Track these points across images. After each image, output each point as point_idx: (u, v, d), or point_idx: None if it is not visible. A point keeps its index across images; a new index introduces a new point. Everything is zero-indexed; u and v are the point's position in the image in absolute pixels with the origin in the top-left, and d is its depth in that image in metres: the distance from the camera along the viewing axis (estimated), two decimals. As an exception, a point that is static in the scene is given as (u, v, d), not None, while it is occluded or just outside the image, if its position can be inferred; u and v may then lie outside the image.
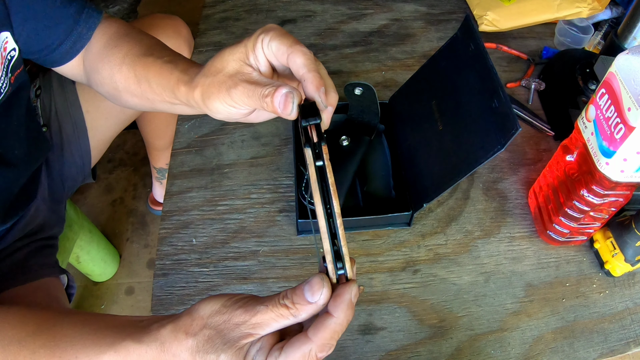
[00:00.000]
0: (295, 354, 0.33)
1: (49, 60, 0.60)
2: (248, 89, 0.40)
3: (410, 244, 0.68)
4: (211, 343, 0.34)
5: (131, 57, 0.53)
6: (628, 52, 0.50)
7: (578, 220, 0.61)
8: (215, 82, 0.42)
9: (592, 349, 0.61)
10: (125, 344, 0.36)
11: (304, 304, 0.33)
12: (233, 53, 0.43)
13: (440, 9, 1.00)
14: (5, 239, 0.69)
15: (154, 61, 0.50)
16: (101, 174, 1.49)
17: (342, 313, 0.33)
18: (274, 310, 0.33)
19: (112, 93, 0.57)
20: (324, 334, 0.33)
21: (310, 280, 0.34)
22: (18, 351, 0.37)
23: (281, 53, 0.41)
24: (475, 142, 0.57)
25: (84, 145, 0.84)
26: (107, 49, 0.56)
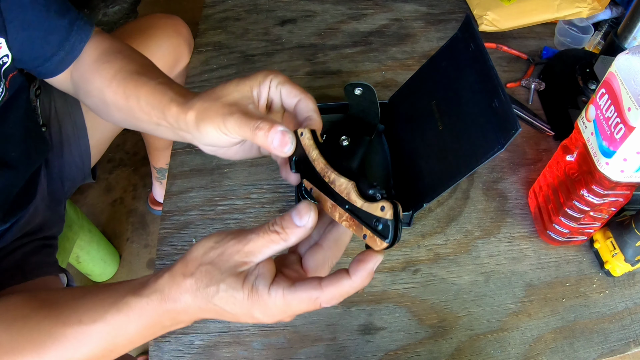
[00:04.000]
0: (302, 294, 0.34)
1: (42, 72, 0.60)
2: (242, 119, 0.42)
3: (410, 244, 0.68)
4: (209, 276, 0.35)
5: (123, 74, 0.53)
6: (628, 52, 0.50)
7: (578, 220, 0.61)
8: (213, 107, 0.44)
9: (592, 349, 0.61)
10: (126, 300, 0.37)
11: (292, 227, 0.35)
12: (238, 85, 0.45)
13: (440, 9, 1.00)
14: (5, 238, 0.69)
15: (147, 81, 0.51)
16: (101, 174, 1.49)
17: (359, 279, 0.35)
18: (265, 236, 0.35)
19: (99, 106, 0.58)
20: (336, 290, 0.35)
21: (297, 206, 0.35)
22: (23, 325, 0.38)
23: (292, 95, 0.46)
24: (475, 142, 0.57)
25: (84, 145, 0.84)
26: (98, 63, 0.57)
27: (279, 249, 0.36)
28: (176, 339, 0.60)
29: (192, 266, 0.36)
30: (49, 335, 0.38)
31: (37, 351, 0.37)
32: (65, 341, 0.37)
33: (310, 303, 0.35)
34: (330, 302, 0.35)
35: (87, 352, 0.38)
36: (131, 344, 0.39)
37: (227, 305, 0.35)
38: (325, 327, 0.61)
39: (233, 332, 0.60)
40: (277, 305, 0.35)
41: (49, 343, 0.38)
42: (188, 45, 0.92)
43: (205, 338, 0.60)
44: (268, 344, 0.59)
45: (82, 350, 0.38)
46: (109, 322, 0.37)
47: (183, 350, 0.59)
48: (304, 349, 0.59)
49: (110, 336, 0.38)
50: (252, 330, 0.60)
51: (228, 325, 0.61)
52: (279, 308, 0.35)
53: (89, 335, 0.38)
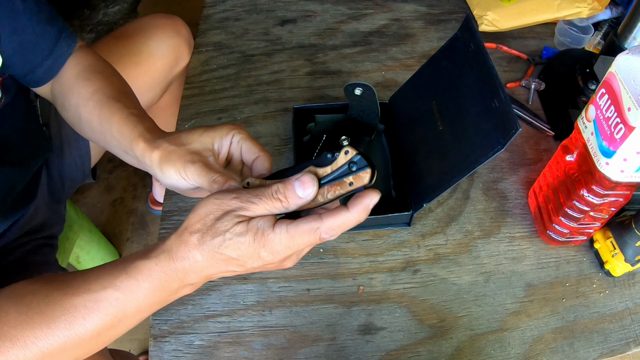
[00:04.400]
0: (304, 226, 0.37)
1: (32, 79, 0.60)
2: (202, 169, 0.45)
3: (410, 244, 0.68)
4: (214, 230, 0.37)
5: (100, 96, 0.55)
6: (628, 52, 0.50)
7: (578, 220, 0.61)
8: (176, 151, 0.46)
9: (592, 349, 0.61)
10: (136, 264, 0.38)
11: (295, 198, 0.38)
12: (201, 136, 0.47)
13: (440, 9, 1.00)
14: (5, 237, 0.69)
15: (121, 109, 0.53)
16: (101, 174, 1.49)
17: (356, 212, 0.37)
18: (268, 202, 0.38)
19: (74, 121, 0.59)
20: (335, 221, 0.37)
21: (301, 178, 0.38)
22: (32, 298, 0.39)
23: (252, 153, 0.48)
24: (475, 142, 0.57)
25: (84, 145, 0.84)
26: (78, 80, 0.58)
27: (277, 212, 0.39)
28: (176, 339, 0.60)
29: (196, 223, 0.38)
30: (58, 306, 0.38)
31: (47, 322, 0.38)
32: (75, 311, 0.38)
33: (312, 235, 0.37)
34: (330, 233, 0.38)
35: (96, 321, 0.38)
36: (140, 313, 0.40)
37: (234, 252, 0.38)
38: (325, 327, 0.61)
39: (233, 332, 0.60)
40: (282, 241, 0.37)
41: (58, 313, 0.38)
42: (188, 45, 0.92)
43: (205, 338, 0.60)
44: (268, 344, 0.59)
45: (92, 319, 0.38)
46: (119, 287, 0.38)
47: (183, 350, 0.59)
48: (304, 349, 0.59)
49: (119, 303, 0.38)
50: (252, 330, 0.60)
51: (228, 325, 0.61)
52: (284, 243, 0.37)
53: (99, 302, 0.38)
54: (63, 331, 0.38)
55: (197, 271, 0.39)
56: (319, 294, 0.63)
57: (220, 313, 0.62)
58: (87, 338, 0.39)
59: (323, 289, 0.64)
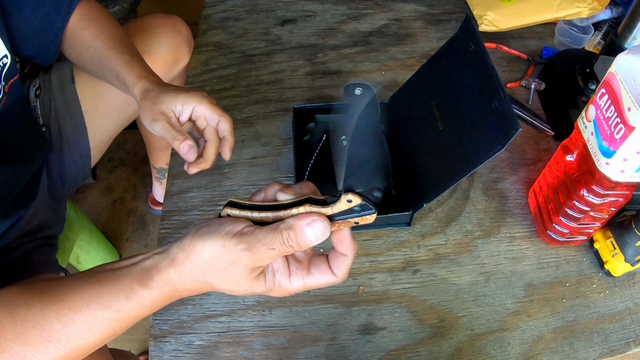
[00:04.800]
0: (321, 280, 0.39)
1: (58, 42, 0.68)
2: (166, 127, 0.57)
3: (410, 244, 0.68)
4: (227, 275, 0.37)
5: (97, 44, 0.66)
6: (628, 52, 0.50)
7: (578, 220, 0.61)
8: (150, 108, 0.59)
9: (592, 349, 0.61)
10: (135, 291, 0.38)
11: (307, 243, 0.37)
12: (171, 99, 0.59)
13: (440, 9, 1.00)
14: (5, 237, 0.69)
15: (116, 56, 0.64)
16: (101, 174, 1.49)
17: (352, 252, 0.40)
18: (280, 249, 0.36)
19: (78, 63, 0.72)
20: (345, 272, 0.40)
21: (314, 226, 0.36)
22: (27, 310, 0.38)
23: (213, 118, 0.60)
24: (475, 142, 0.57)
25: (84, 145, 0.84)
26: (76, 29, 0.68)
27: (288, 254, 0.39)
28: (176, 339, 0.60)
29: (203, 269, 0.37)
30: (57, 320, 0.38)
31: (47, 337, 0.38)
32: (76, 326, 0.38)
33: (326, 284, 0.40)
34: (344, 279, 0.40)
35: (98, 334, 0.39)
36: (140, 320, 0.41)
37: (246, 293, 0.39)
38: (325, 327, 0.61)
39: (233, 332, 0.60)
40: (297, 288, 0.40)
41: (58, 327, 0.38)
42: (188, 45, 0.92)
43: (205, 338, 0.60)
44: (268, 344, 0.59)
45: (93, 334, 0.39)
46: (119, 309, 0.38)
47: (183, 350, 0.59)
48: (304, 349, 0.59)
49: (121, 320, 0.39)
50: (252, 330, 0.60)
51: (228, 325, 0.61)
52: (298, 290, 0.40)
53: (100, 320, 0.38)
54: (65, 344, 0.38)
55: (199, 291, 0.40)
56: (319, 294, 0.63)
57: (220, 313, 0.61)
58: (88, 348, 0.39)
59: (323, 289, 0.64)
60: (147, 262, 0.39)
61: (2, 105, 0.59)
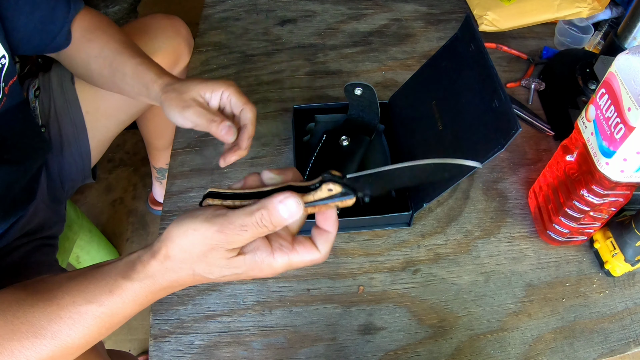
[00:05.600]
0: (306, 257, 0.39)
1: (54, 46, 0.66)
2: (199, 112, 0.56)
3: (410, 244, 0.68)
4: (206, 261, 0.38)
5: (107, 52, 0.65)
6: (628, 52, 0.50)
7: (578, 220, 0.61)
8: (177, 98, 0.58)
9: (592, 349, 0.61)
10: (119, 284, 0.39)
11: (281, 221, 0.37)
12: (197, 87, 0.58)
13: (440, 9, 1.00)
14: (5, 238, 0.69)
15: (128, 60, 0.64)
16: (101, 174, 1.49)
17: (336, 228, 0.40)
18: (255, 230, 0.37)
19: (84, 76, 0.70)
20: (329, 249, 0.40)
21: (286, 203, 0.36)
22: (18, 308, 0.39)
23: (238, 105, 0.59)
24: (475, 142, 0.57)
25: (84, 146, 0.84)
26: (82, 41, 0.66)
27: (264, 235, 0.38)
28: (176, 339, 0.60)
29: (183, 257, 0.38)
30: (44, 316, 0.38)
31: (34, 332, 0.38)
32: (61, 322, 0.38)
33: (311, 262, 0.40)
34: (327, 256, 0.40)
35: (82, 331, 0.39)
36: (125, 319, 0.41)
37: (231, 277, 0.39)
38: (325, 327, 0.61)
39: (233, 332, 0.60)
40: (282, 265, 0.39)
41: (44, 323, 0.38)
42: (188, 45, 0.92)
43: (205, 338, 0.60)
44: (268, 344, 0.59)
45: (77, 330, 0.39)
46: (103, 303, 0.38)
47: (183, 350, 0.59)
48: (304, 349, 0.59)
49: (105, 316, 0.39)
50: (252, 330, 0.60)
51: (228, 325, 0.61)
52: (284, 267, 0.39)
53: (84, 315, 0.39)
54: (50, 341, 0.38)
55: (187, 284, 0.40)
56: (319, 294, 0.63)
57: (220, 313, 0.62)
58: (74, 346, 0.39)
59: (323, 289, 0.64)
60: (132, 256, 0.40)
61: (1, 106, 0.59)
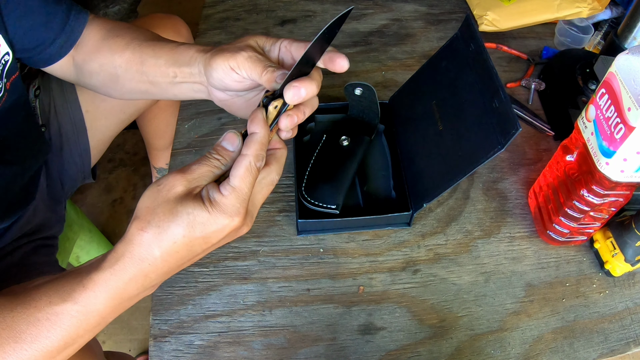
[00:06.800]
0: (239, 170, 0.39)
1: (44, 58, 0.61)
2: (254, 58, 0.47)
3: (410, 244, 0.68)
4: (167, 215, 0.37)
5: (137, 42, 0.57)
6: (628, 52, 0.50)
7: (578, 220, 0.61)
8: (228, 47, 0.50)
9: (592, 349, 0.61)
10: (90, 276, 0.38)
11: (228, 152, 0.41)
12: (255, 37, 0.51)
13: (440, 9, 1.00)
14: (5, 238, 0.69)
15: (164, 44, 0.56)
16: (101, 174, 1.49)
17: (260, 128, 0.41)
18: (208, 163, 0.40)
19: (105, 81, 0.60)
20: (254, 147, 0.40)
21: (225, 136, 0.41)
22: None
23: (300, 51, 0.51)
24: (475, 142, 0.57)
25: (84, 145, 0.84)
26: (105, 39, 0.60)
27: (219, 173, 0.41)
28: (176, 339, 0.60)
29: (145, 216, 0.38)
30: (23, 320, 0.38)
31: (14, 337, 0.38)
32: (39, 324, 0.38)
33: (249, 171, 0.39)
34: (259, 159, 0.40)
35: (60, 333, 0.38)
36: (104, 320, 0.40)
37: (195, 232, 0.38)
38: (325, 327, 0.61)
39: (233, 332, 0.60)
40: (234, 197, 0.38)
41: (23, 327, 0.38)
42: (188, 45, 0.92)
43: (205, 338, 0.60)
44: (268, 344, 0.59)
45: (56, 332, 0.38)
46: (77, 300, 0.38)
47: (183, 350, 0.59)
48: (304, 349, 0.59)
49: (81, 314, 0.38)
50: (252, 330, 0.60)
51: (228, 325, 0.61)
52: (237, 198, 0.39)
53: (60, 315, 0.38)
54: (30, 345, 0.38)
55: (159, 268, 0.39)
56: (319, 294, 0.63)
57: (220, 313, 0.62)
58: (54, 349, 0.39)
59: (323, 289, 0.64)
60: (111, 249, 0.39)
61: (3, 102, 0.59)
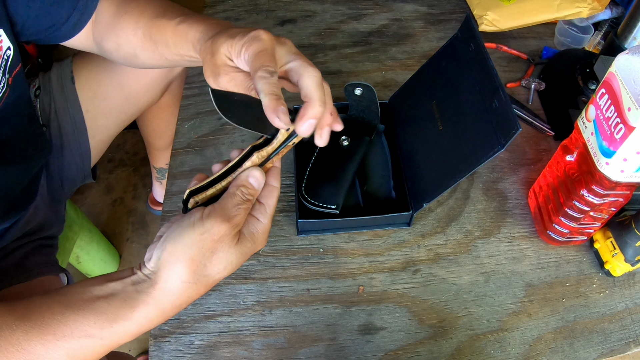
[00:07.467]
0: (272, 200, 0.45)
1: (58, 36, 0.62)
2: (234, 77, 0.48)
3: (410, 244, 0.68)
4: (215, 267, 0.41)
5: (144, 21, 0.58)
6: (628, 52, 0.50)
7: (578, 220, 0.61)
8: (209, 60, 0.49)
9: (592, 349, 0.61)
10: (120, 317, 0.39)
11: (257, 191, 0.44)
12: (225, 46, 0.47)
13: (440, 9, 1.00)
14: (5, 238, 0.69)
15: (167, 23, 0.56)
16: (101, 174, 1.49)
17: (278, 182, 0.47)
18: (245, 205, 0.42)
19: (128, 58, 0.62)
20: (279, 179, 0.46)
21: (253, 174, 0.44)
22: (11, 334, 0.38)
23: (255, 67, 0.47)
24: (475, 142, 0.57)
25: (84, 145, 0.84)
26: (117, 17, 0.60)
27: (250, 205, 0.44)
28: (176, 339, 0.60)
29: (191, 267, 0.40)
30: (41, 345, 0.38)
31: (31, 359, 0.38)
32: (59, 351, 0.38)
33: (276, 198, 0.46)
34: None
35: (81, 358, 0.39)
36: None
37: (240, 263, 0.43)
38: (325, 327, 0.61)
39: (233, 332, 0.60)
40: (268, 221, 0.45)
41: (42, 351, 0.38)
42: (188, 45, 0.91)
43: (205, 338, 0.60)
44: (268, 344, 0.59)
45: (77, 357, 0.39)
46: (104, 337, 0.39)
47: (183, 350, 0.59)
48: (304, 349, 0.59)
49: (106, 346, 0.40)
50: (252, 330, 0.60)
51: (228, 325, 0.61)
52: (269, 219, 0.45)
53: (84, 348, 0.39)
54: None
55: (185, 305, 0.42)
56: (319, 294, 0.63)
57: (220, 313, 0.62)
58: None
59: (323, 289, 0.64)
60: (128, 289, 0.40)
61: (5, 99, 0.59)
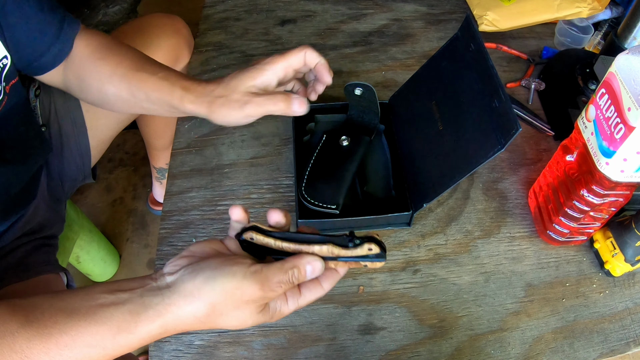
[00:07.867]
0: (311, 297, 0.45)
1: (39, 66, 0.61)
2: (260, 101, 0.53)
3: (410, 244, 0.68)
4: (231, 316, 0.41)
5: (122, 70, 0.59)
6: (628, 52, 0.50)
7: (578, 220, 0.61)
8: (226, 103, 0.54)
9: (592, 349, 0.61)
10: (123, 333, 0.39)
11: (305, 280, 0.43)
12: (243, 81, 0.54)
13: (440, 9, 1.00)
14: (5, 238, 0.69)
15: (149, 77, 0.58)
16: (101, 174, 1.49)
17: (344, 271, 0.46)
18: (287, 287, 0.42)
19: (97, 101, 0.63)
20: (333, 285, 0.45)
21: (314, 265, 0.42)
22: (13, 342, 0.38)
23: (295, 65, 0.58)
24: (475, 142, 0.57)
25: (84, 145, 0.84)
26: (91, 60, 0.61)
27: None
28: (176, 339, 0.60)
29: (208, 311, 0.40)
30: (44, 354, 0.38)
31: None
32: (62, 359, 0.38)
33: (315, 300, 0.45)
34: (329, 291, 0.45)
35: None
36: None
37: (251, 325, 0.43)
38: (325, 327, 0.61)
39: (233, 332, 0.60)
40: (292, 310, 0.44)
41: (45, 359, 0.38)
42: (188, 45, 0.92)
43: (205, 338, 0.60)
44: (268, 344, 0.59)
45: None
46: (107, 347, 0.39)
47: (183, 350, 0.59)
48: (304, 349, 0.59)
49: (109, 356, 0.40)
50: (252, 330, 0.60)
51: (228, 325, 0.61)
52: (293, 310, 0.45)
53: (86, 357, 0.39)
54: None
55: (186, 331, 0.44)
56: (319, 294, 0.63)
57: (220, 313, 0.61)
58: None
59: (323, 289, 0.64)
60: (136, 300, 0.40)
61: (2, 106, 0.59)
